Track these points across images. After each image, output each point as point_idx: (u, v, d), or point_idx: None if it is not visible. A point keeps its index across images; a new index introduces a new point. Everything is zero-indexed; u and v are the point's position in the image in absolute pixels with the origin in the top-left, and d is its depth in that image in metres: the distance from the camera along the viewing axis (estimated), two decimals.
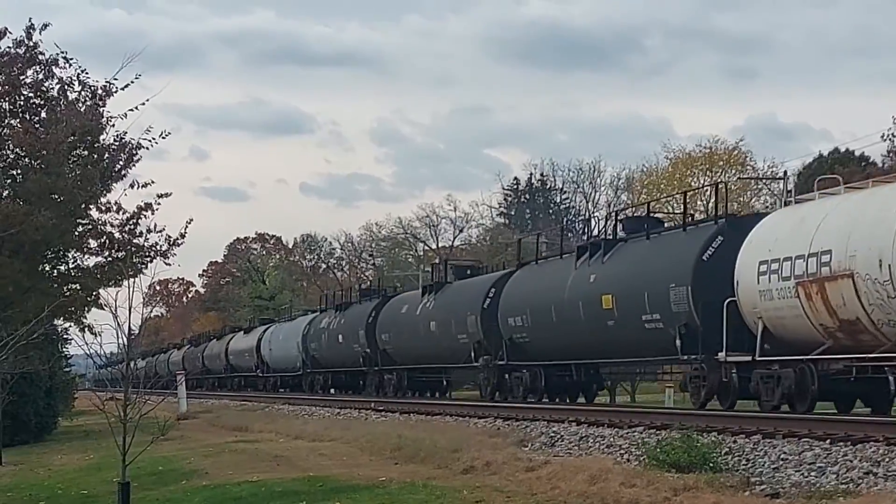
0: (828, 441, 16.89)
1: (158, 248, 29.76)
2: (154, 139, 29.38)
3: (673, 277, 26.72)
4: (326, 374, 56.80)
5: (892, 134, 62.50)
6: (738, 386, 24.43)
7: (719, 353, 24.39)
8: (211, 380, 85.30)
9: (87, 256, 30.80)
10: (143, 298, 12.85)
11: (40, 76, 29.11)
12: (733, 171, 65.18)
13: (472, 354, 37.48)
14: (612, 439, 20.85)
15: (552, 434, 22.90)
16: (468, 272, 43.86)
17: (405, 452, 21.39)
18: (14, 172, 28.96)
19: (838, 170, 60.50)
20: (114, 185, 29.58)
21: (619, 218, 33.66)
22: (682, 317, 26.18)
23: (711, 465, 16.06)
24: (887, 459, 15.00)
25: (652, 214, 32.99)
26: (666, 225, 32.09)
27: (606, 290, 29.48)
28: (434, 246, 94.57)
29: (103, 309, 24.85)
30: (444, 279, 44.32)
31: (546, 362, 33.43)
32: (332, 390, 56.02)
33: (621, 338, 28.91)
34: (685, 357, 26.19)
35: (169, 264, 30.05)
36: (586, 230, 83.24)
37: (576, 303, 30.97)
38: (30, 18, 28.80)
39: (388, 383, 46.71)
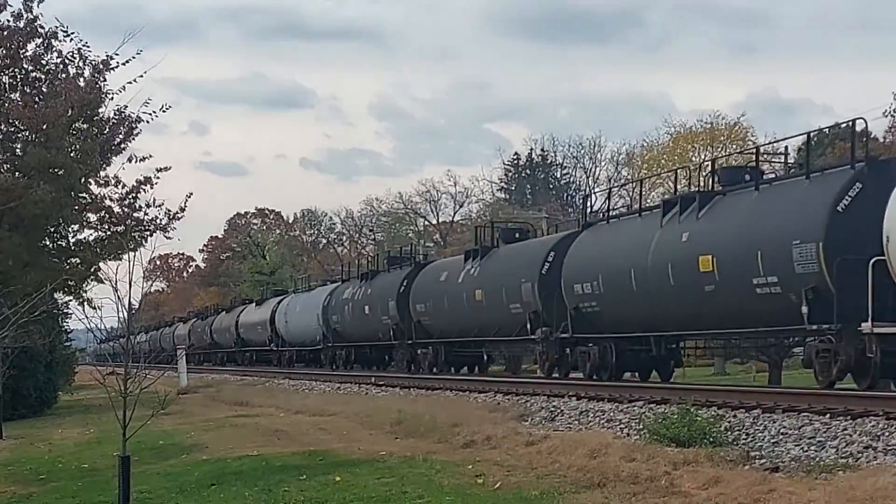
0: (827, 415, 16.90)
1: (158, 221, 29.76)
2: (154, 112, 29.38)
3: (797, 233, 22.41)
4: (349, 349, 52.79)
5: (894, 109, 62.41)
6: (881, 362, 20.58)
7: (863, 324, 20.35)
8: (220, 354, 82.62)
9: (86, 231, 30.81)
10: (144, 273, 12.83)
11: (40, 50, 29.05)
12: (734, 147, 65.05)
13: (528, 326, 33.35)
14: (612, 414, 20.88)
15: (552, 408, 22.93)
16: (516, 235, 39.33)
17: (405, 427, 21.42)
18: (14, 146, 28.94)
19: (839, 145, 60.45)
20: (113, 158, 29.58)
21: (715, 168, 28.54)
22: (809, 279, 21.97)
23: (711, 439, 16.09)
24: (887, 434, 15.02)
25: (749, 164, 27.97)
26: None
27: (705, 250, 25.24)
28: (434, 221, 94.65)
29: (103, 283, 24.92)
30: (490, 243, 39.59)
31: (619, 335, 29.25)
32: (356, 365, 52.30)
33: (723, 306, 24.71)
34: (813, 327, 21.95)
35: (169, 238, 30.11)
36: (586, 205, 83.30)
37: (663, 266, 26.67)
38: None
39: (422, 358, 42.80)
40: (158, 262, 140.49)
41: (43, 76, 29.13)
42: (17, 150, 28.84)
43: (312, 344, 57.76)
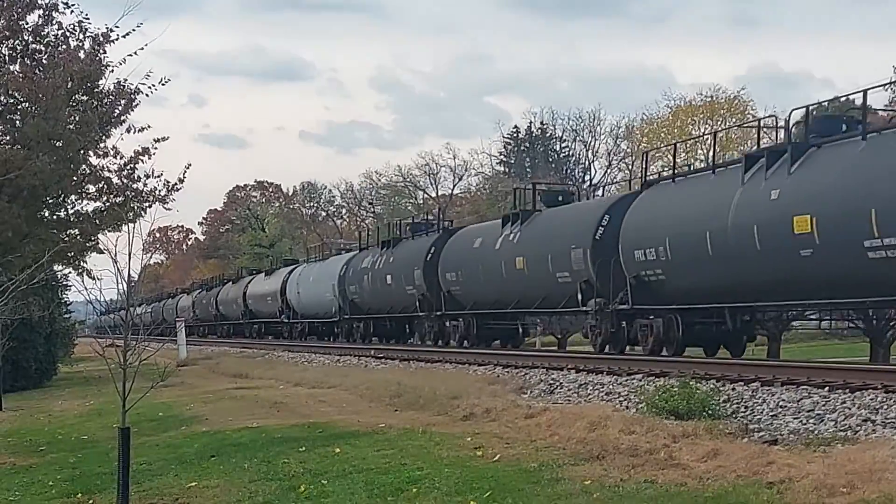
0: (826, 388, 16.92)
1: (157, 193, 29.70)
2: (153, 85, 29.23)
3: None
4: (368, 321, 49.21)
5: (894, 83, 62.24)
6: None
7: None
8: (226, 326, 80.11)
9: (85, 202, 30.77)
10: (143, 245, 12.78)
11: (41, 22, 28.94)
12: (734, 120, 65.02)
13: (580, 297, 30.11)
14: (611, 386, 20.91)
15: (551, 381, 22.97)
16: (559, 199, 36.31)
17: (405, 399, 21.45)
18: (13, 117, 28.87)
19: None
20: (113, 130, 29.50)
21: (807, 118, 24.54)
22: None
23: (710, 412, 16.12)
24: (885, 407, 15.04)
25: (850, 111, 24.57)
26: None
27: (800, 209, 21.91)
28: (434, 194, 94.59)
29: (102, 254, 24.91)
30: (532, 207, 36.31)
31: (688, 306, 26.18)
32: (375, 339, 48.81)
33: (823, 272, 21.48)
34: None
35: (168, 209, 29.95)
36: (586, 178, 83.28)
37: (748, 228, 23.37)
38: None
39: (451, 331, 39.95)
40: (158, 235, 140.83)
41: (43, 48, 29.02)
42: (17, 122, 28.77)
43: (327, 316, 54.59)
